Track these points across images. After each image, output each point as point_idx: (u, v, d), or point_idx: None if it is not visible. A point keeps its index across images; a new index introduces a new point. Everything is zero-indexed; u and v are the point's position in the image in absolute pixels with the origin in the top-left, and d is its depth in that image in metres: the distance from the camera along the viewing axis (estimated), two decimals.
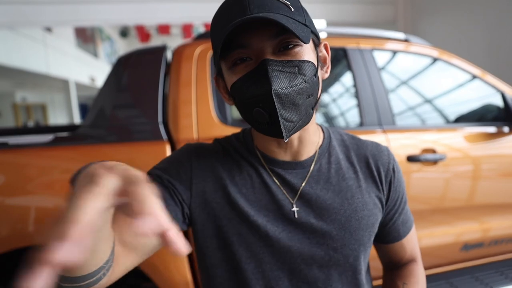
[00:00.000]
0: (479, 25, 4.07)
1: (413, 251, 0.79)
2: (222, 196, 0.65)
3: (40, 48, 8.43)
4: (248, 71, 0.56)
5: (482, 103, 1.89)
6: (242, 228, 0.64)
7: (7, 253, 1.30)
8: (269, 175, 0.67)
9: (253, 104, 0.55)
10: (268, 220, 0.64)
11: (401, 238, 0.75)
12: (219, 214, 0.65)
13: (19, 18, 4.54)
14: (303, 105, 0.56)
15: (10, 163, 1.30)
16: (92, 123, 1.48)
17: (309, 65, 0.57)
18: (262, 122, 0.56)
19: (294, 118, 0.55)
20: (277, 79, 0.53)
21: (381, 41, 1.83)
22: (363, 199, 0.68)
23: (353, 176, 0.69)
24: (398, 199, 0.73)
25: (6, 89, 10.68)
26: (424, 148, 1.63)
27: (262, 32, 0.54)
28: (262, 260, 0.64)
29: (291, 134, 0.56)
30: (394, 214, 0.73)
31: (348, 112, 1.73)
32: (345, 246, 0.65)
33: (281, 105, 0.53)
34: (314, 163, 0.68)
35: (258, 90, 0.54)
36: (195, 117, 1.44)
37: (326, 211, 0.65)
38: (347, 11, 5.26)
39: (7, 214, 1.26)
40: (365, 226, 0.67)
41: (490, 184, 1.76)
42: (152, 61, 1.53)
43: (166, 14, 4.93)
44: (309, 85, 0.56)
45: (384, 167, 0.71)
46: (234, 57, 0.57)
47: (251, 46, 0.55)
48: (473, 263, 1.78)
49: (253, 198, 0.65)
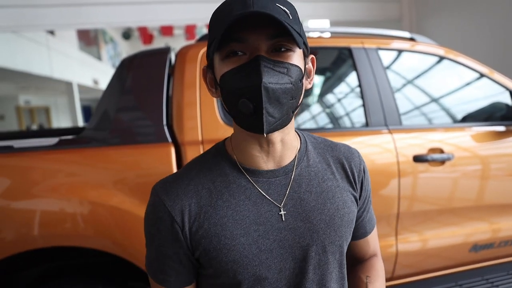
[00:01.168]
0: (486, 22, 4.03)
1: (375, 247, 0.85)
2: (208, 228, 0.65)
3: (43, 51, 8.47)
4: (241, 64, 0.59)
5: (490, 102, 1.86)
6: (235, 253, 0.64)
7: (11, 256, 1.29)
8: (253, 188, 0.67)
9: (240, 95, 0.58)
10: (259, 235, 0.65)
11: (367, 234, 0.82)
12: (209, 247, 0.65)
13: (22, 22, 4.55)
14: (286, 105, 0.60)
15: (15, 166, 1.30)
16: (96, 126, 1.47)
17: (296, 69, 0.61)
18: (245, 114, 0.59)
19: (276, 115, 0.59)
20: (267, 74, 0.57)
21: (387, 40, 1.81)
22: (343, 197, 0.72)
23: (331, 177, 0.73)
24: (367, 197, 0.79)
25: (10, 92, 10.74)
26: (431, 147, 1.61)
27: (260, 31, 0.58)
28: (260, 277, 0.65)
29: (270, 129, 0.59)
30: (363, 211, 0.79)
31: (353, 112, 1.72)
32: (332, 244, 0.69)
33: (267, 98, 0.57)
34: (295, 168, 0.70)
35: (248, 81, 0.57)
36: (199, 119, 1.42)
37: (311, 212, 0.69)
38: (351, 10, 5.24)
39: (12, 217, 1.26)
40: (347, 223, 0.71)
41: (499, 184, 1.74)
42: (156, 63, 1.52)
43: (169, 16, 4.93)
44: (294, 88, 0.60)
45: (356, 167, 0.76)
46: (229, 50, 0.59)
47: (248, 41, 0.58)
48: (482, 265, 1.75)
49: (239, 217, 0.66)
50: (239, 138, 0.69)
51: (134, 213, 1.29)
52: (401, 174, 1.54)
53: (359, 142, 1.55)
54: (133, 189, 1.31)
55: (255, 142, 0.66)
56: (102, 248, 1.31)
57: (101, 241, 1.30)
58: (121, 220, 1.30)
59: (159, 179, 0.71)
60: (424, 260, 1.66)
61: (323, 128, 1.68)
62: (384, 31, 1.86)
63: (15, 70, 7.12)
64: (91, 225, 1.29)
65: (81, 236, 1.29)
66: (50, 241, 1.29)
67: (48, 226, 1.27)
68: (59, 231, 1.28)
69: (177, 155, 1.37)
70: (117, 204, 1.29)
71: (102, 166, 1.33)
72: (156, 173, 1.32)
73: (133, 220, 1.29)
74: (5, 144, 1.35)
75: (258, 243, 0.65)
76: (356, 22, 5.30)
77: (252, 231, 0.65)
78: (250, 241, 0.65)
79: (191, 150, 1.37)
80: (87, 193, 1.29)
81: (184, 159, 1.36)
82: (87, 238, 1.30)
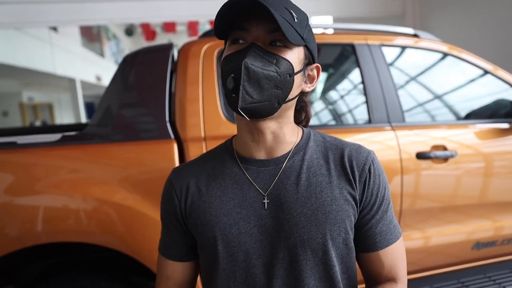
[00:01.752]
0: (489, 18, 4.00)
1: (393, 270, 0.74)
2: (198, 205, 0.73)
3: (46, 48, 8.48)
4: (239, 49, 0.65)
5: (494, 99, 1.85)
6: (216, 230, 0.70)
7: (15, 252, 1.30)
8: (243, 174, 0.73)
9: (229, 73, 0.63)
10: (241, 218, 0.70)
11: (376, 248, 0.73)
12: (196, 221, 0.73)
13: (25, 18, 4.56)
14: (267, 91, 0.63)
15: (18, 162, 1.30)
16: (99, 122, 1.47)
17: (286, 63, 0.64)
18: (230, 90, 0.63)
19: (254, 96, 0.62)
20: (253, 57, 0.62)
21: (390, 36, 1.80)
22: (333, 194, 0.70)
23: (325, 173, 0.72)
24: (376, 204, 0.72)
25: (13, 88, 10.77)
26: (434, 145, 1.60)
27: (262, 24, 0.64)
28: (237, 259, 0.70)
29: (246, 106, 0.62)
30: (370, 219, 0.73)
31: (356, 109, 1.71)
32: (311, 240, 0.68)
33: (247, 77, 0.61)
34: (287, 160, 0.72)
35: (235, 61, 0.63)
36: (202, 115, 1.42)
37: (293, 204, 0.69)
38: (354, 6, 5.21)
39: (16, 213, 1.27)
40: (333, 221, 0.69)
41: (502, 182, 1.73)
42: (159, 59, 1.52)
43: (172, 12, 4.92)
44: (279, 78, 0.64)
45: (359, 166, 0.72)
46: (234, 37, 0.67)
47: (249, 31, 0.65)
48: (485, 262, 1.75)
49: (226, 198, 0.72)
50: (238, 127, 0.75)
51: (137, 209, 1.30)
52: (404, 171, 1.54)
53: (362, 139, 1.55)
54: (135, 185, 1.31)
55: (247, 129, 0.71)
56: (105, 244, 1.31)
57: (104, 237, 1.31)
58: (124, 216, 1.30)
59: (162, 175, 0.78)
60: (427, 258, 1.65)
61: (326, 125, 1.67)
62: (387, 27, 1.84)
63: (18, 66, 7.12)
64: (94, 221, 1.29)
65: (83, 232, 1.30)
66: (52, 237, 1.30)
67: (51, 222, 1.28)
68: (62, 227, 1.29)
69: (180, 151, 1.37)
70: (120, 200, 1.30)
71: (105, 162, 1.33)
72: (159, 169, 1.32)
73: (135, 216, 1.29)
74: (8, 140, 1.36)
75: (238, 225, 0.70)
76: (359, 18, 5.27)
77: (235, 213, 0.71)
78: (231, 221, 0.70)
79: (194, 146, 1.37)
80: (89, 189, 1.29)
81: (186, 156, 1.36)
82: (89, 234, 1.30)
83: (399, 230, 0.77)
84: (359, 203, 0.72)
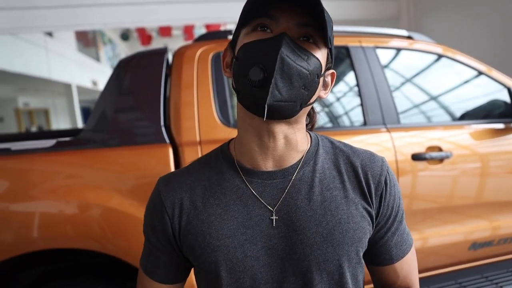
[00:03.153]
0: (484, 20, 4.03)
1: (407, 278, 0.71)
2: (196, 225, 0.64)
3: (42, 53, 8.46)
4: (267, 37, 0.57)
5: (488, 99, 1.86)
6: (218, 254, 0.61)
7: (11, 259, 1.29)
8: (246, 188, 0.63)
9: (254, 62, 0.55)
10: (246, 239, 0.61)
11: (393, 261, 0.69)
12: (194, 244, 0.63)
13: (20, 24, 4.54)
14: (296, 89, 0.56)
15: (12, 168, 1.30)
16: (94, 127, 1.47)
17: (317, 61, 0.57)
18: (253, 82, 0.54)
19: (284, 93, 0.55)
20: (288, 49, 0.54)
21: (384, 38, 1.81)
22: (349, 210, 0.63)
23: (339, 186, 0.65)
24: (391, 216, 0.67)
25: (9, 94, 10.73)
26: (430, 146, 1.61)
27: (294, 15, 0.56)
28: (243, 285, 0.62)
29: (273, 104, 0.54)
30: (386, 232, 0.67)
31: (351, 111, 1.71)
32: (328, 262, 0.61)
33: (280, 70, 0.53)
34: (296, 172, 0.64)
35: (266, 50, 0.54)
36: (197, 119, 1.42)
37: (307, 223, 0.61)
38: (350, 9, 5.23)
39: (11, 220, 1.26)
40: (351, 240, 0.62)
41: (498, 182, 1.74)
42: (153, 63, 1.52)
43: (167, 16, 4.92)
44: (309, 77, 0.56)
45: (374, 178, 0.65)
46: (258, 23, 0.58)
47: (279, 21, 0.56)
48: (482, 262, 1.75)
49: (228, 217, 0.62)
50: (240, 131, 0.65)
51: (132, 214, 1.29)
52: (400, 172, 1.54)
53: (357, 141, 1.55)
54: (131, 190, 1.31)
55: (255, 133, 0.62)
56: (101, 250, 1.31)
57: (100, 242, 1.30)
58: (119, 222, 1.29)
59: (157, 180, 0.71)
60: (424, 259, 1.65)
61: (321, 128, 1.68)
62: (381, 29, 1.85)
63: (14, 72, 7.10)
64: (90, 227, 1.28)
65: (79, 237, 1.29)
66: (49, 243, 1.29)
67: (47, 228, 1.27)
68: (58, 233, 1.28)
69: (175, 155, 1.37)
70: (116, 206, 1.29)
71: (100, 167, 1.33)
72: (154, 174, 1.32)
73: (131, 221, 1.29)
74: (2, 146, 1.35)
75: (244, 247, 0.61)
76: (354, 20, 5.29)
77: (239, 234, 0.62)
78: (235, 244, 0.61)
79: (189, 150, 1.37)
80: (84, 195, 1.28)
81: (182, 160, 1.36)
82: (85, 240, 1.29)
83: (411, 237, 0.73)
84: (375, 218, 0.66)
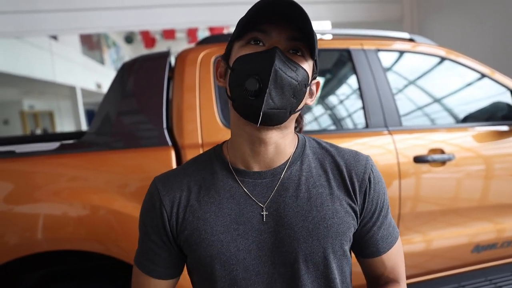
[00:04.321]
0: (487, 23, 4.02)
1: (395, 269, 0.76)
2: (191, 221, 0.68)
3: (47, 56, 8.52)
4: (260, 50, 0.62)
5: (491, 101, 1.86)
6: (213, 249, 0.66)
7: (14, 260, 1.30)
8: (239, 187, 0.69)
9: (250, 74, 0.60)
10: (238, 234, 0.67)
11: (380, 253, 0.74)
12: (190, 239, 0.68)
13: (25, 27, 4.58)
14: (286, 97, 0.61)
15: (17, 171, 1.31)
16: (97, 130, 1.48)
17: (304, 72, 0.63)
18: (249, 93, 0.59)
19: (276, 101, 0.60)
20: (281, 62, 0.60)
21: (386, 41, 1.81)
22: (334, 206, 0.68)
23: (324, 184, 0.70)
24: (376, 211, 0.72)
25: (14, 97, 10.81)
26: (432, 148, 1.60)
27: (284, 29, 0.62)
28: (236, 277, 0.67)
29: (267, 112, 0.59)
30: (371, 227, 0.72)
31: (353, 114, 1.72)
32: (313, 254, 0.66)
33: (274, 81, 0.59)
34: (284, 171, 0.70)
35: (261, 63, 0.60)
36: (199, 122, 1.43)
37: (294, 218, 0.67)
38: (352, 11, 5.23)
39: (15, 221, 1.27)
40: (335, 234, 0.67)
41: (501, 184, 1.73)
42: (156, 66, 1.53)
43: (171, 19, 4.94)
44: (298, 87, 0.62)
45: (358, 176, 0.71)
46: (251, 37, 0.63)
47: (270, 35, 0.62)
48: (486, 265, 1.74)
49: (222, 214, 0.68)
50: (233, 135, 0.71)
51: (135, 216, 1.30)
52: (402, 175, 1.54)
53: (359, 144, 1.55)
54: (134, 192, 1.32)
55: (248, 140, 0.67)
56: (104, 252, 1.31)
57: (103, 244, 1.31)
58: (123, 224, 1.30)
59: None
60: (426, 261, 1.65)
61: (324, 130, 1.68)
62: (383, 32, 1.86)
63: (19, 75, 7.16)
64: (93, 229, 1.29)
65: (82, 240, 1.30)
66: (52, 245, 1.30)
67: (50, 230, 1.28)
68: (61, 235, 1.29)
69: (177, 158, 1.38)
70: (119, 208, 1.30)
71: (103, 170, 1.34)
72: None
73: (134, 223, 1.29)
74: (7, 149, 1.36)
75: (236, 242, 0.67)
76: (357, 23, 5.29)
77: (232, 229, 0.67)
78: (229, 238, 0.66)
79: (191, 153, 1.38)
80: (88, 197, 1.29)
81: (184, 162, 1.37)
82: (88, 242, 1.30)
83: (397, 230, 0.78)
84: (360, 214, 0.71)
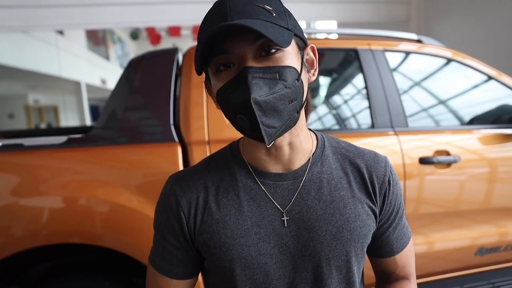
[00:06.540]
0: (494, 24, 3.99)
1: (406, 267, 0.77)
2: (210, 224, 0.66)
3: (53, 51, 8.57)
4: (230, 79, 0.57)
5: (497, 104, 1.85)
6: (233, 253, 0.64)
7: (20, 253, 1.31)
8: (259, 189, 0.67)
9: (236, 111, 0.57)
10: (260, 238, 0.65)
11: (393, 253, 0.75)
12: (209, 243, 0.65)
13: (32, 22, 4.60)
14: (285, 110, 0.57)
15: (25, 164, 1.32)
16: (104, 125, 1.49)
17: (290, 70, 0.57)
18: (245, 129, 0.58)
19: (276, 124, 0.57)
20: (256, 86, 0.54)
21: (393, 42, 1.81)
22: (356, 209, 0.67)
23: (346, 186, 0.68)
24: (393, 213, 0.72)
25: (19, 91, 10.87)
26: (437, 150, 1.60)
27: (242, 38, 0.56)
28: (257, 281, 0.65)
29: (274, 139, 0.58)
30: (387, 228, 0.73)
31: (359, 113, 1.72)
32: (337, 258, 0.65)
33: (262, 112, 0.54)
34: (306, 173, 0.67)
35: (238, 98, 0.55)
36: (206, 119, 1.44)
37: (317, 222, 0.65)
38: (359, 11, 5.21)
39: (21, 214, 1.28)
40: (358, 237, 0.66)
41: (507, 187, 1.72)
42: (164, 63, 1.53)
43: (177, 16, 4.95)
44: (290, 90, 0.57)
45: (379, 178, 0.70)
46: (217, 63, 0.58)
47: (232, 51, 0.56)
48: (489, 268, 1.74)
49: (242, 217, 0.65)
50: (247, 141, 0.69)
51: (141, 211, 1.31)
52: (407, 176, 1.54)
53: (364, 144, 1.55)
54: (139, 187, 1.33)
55: (261, 146, 0.66)
56: (109, 246, 1.32)
57: (108, 238, 1.32)
58: (128, 218, 1.31)
59: (166, 178, 0.73)
60: (430, 263, 1.65)
61: (329, 129, 1.68)
62: (391, 32, 1.85)
63: (25, 69, 7.20)
64: (98, 223, 1.30)
65: (87, 233, 1.31)
66: (57, 238, 1.31)
67: (56, 224, 1.29)
68: (66, 228, 1.30)
69: (184, 154, 1.38)
70: (124, 203, 1.31)
71: (110, 164, 1.35)
72: (163, 172, 1.33)
73: (139, 218, 1.30)
74: (15, 142, 1.38)
75: (258, 246, 0.64)
76: (363, 23, 5.28)
77: (253, 233, 0.65)
78: (249, 242, 0.64)
79: (198, 150, 1.38)
80: (94, 191, 1.30)
81: (190, 159, 1.37)
82: (93, 236, 1.31)
83: (409, 230, 0.78)
84: (379, 215, 0.71)
